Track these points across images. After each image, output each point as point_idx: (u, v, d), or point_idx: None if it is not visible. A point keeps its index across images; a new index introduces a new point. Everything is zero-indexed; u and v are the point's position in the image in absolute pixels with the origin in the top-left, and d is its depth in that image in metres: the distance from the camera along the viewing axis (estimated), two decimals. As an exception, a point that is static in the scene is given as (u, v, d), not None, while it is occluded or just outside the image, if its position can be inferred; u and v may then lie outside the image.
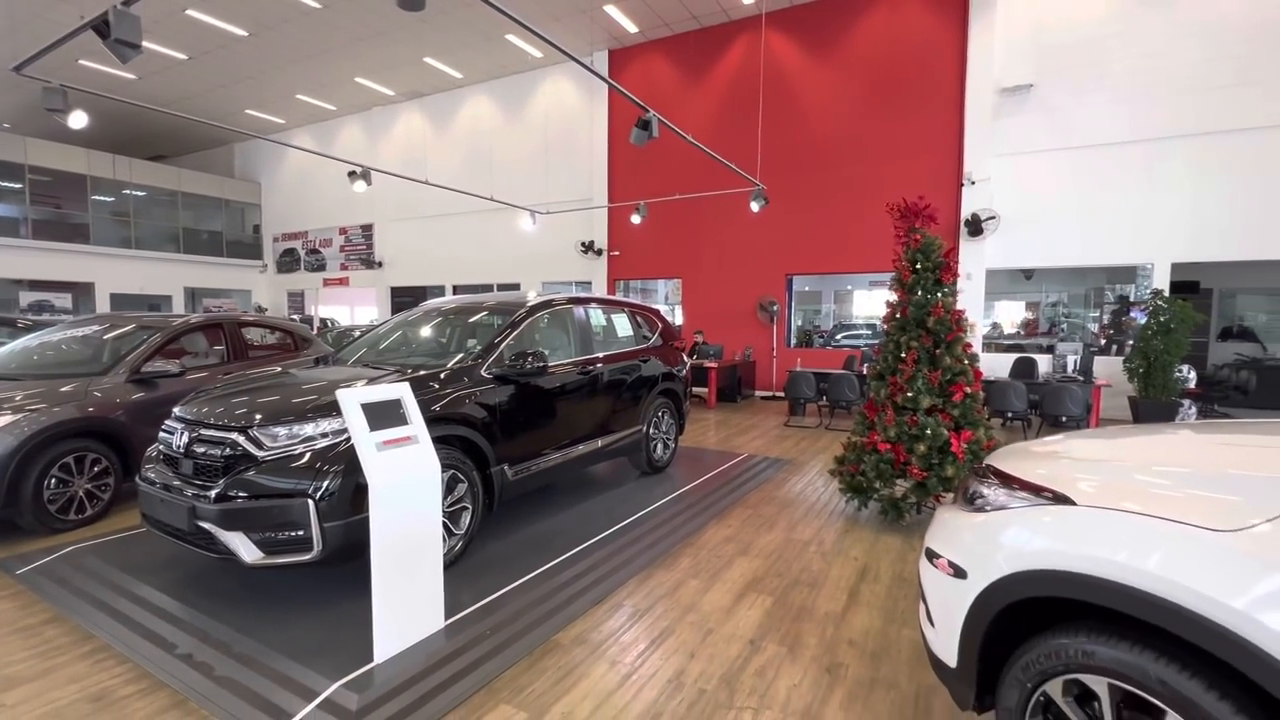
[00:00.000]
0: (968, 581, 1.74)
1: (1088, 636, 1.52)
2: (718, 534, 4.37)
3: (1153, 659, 1.40)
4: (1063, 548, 1.54)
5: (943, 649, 1.85)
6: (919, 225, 4.67)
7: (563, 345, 4.89)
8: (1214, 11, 8.76)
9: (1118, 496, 1.54)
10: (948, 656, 1.83)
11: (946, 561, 1.83)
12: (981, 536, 1.77)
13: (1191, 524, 1.37)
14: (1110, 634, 1.48)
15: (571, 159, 14.11)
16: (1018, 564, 1.62)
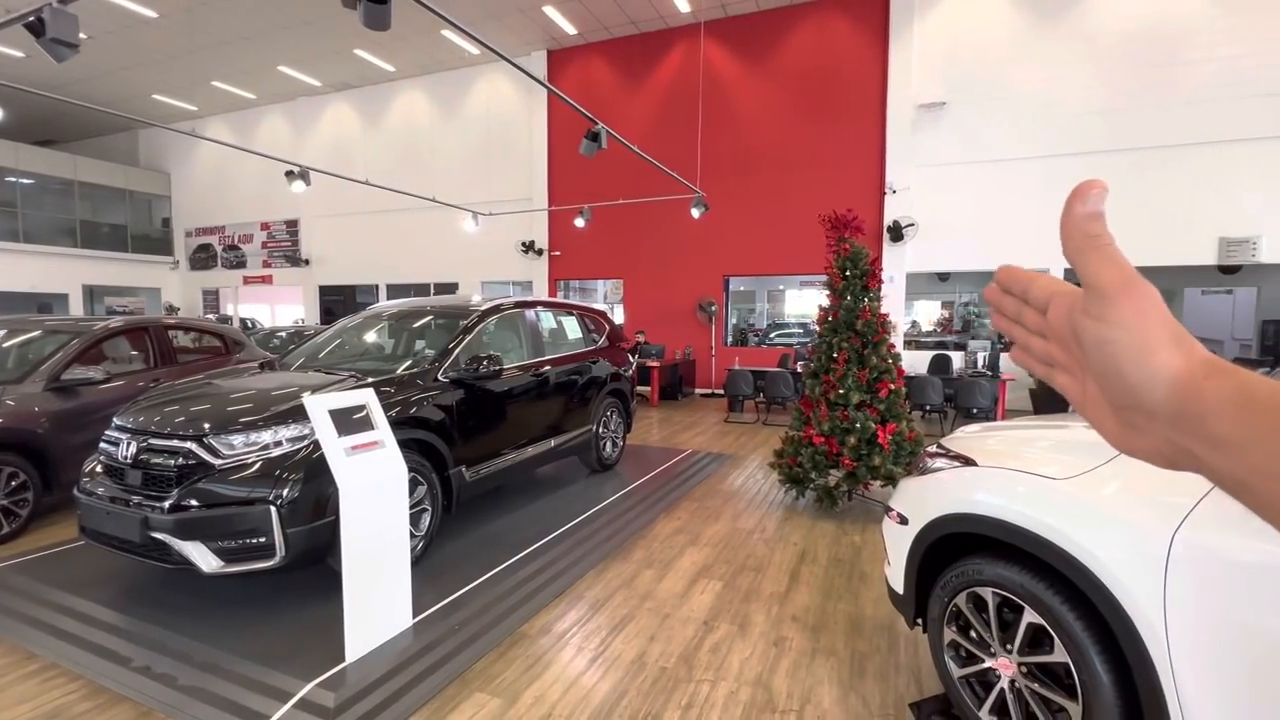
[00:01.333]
0: (909, 526, 2.32)
1: (981, 560, 2.08)
2: (668, 526, 4.61)
3: (1017, 571, 1.95)
4: (965, 496, 2.13)
5: (895, 581, 2.45)
6: (847, 235, 5.07)
7: (515, 348, 4.99)
8: (1098, 44, 9.79)
9: (1003, 459, 2.12)
10: (898, 586, 2.42)
11: (896, 513, 2.43)
12: (918, 492, 2.36)
13: (1042, 475, 1.92)
14: (995, 558, 2.05)
15: (511, 158, 14.04)
16: (939, 510, 2.20)
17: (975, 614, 2.11)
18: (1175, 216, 9.51)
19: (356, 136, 15.83)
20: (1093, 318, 0.38)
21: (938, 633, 2.23)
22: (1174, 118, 9.47)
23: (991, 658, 2.05)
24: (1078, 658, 1.76)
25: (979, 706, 2.08)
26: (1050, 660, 1.85)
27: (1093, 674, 1.73)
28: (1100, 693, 1.72)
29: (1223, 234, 9.32)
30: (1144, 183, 9.67)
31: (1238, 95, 9.17)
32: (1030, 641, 1.93)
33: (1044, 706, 1.89)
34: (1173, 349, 0.37)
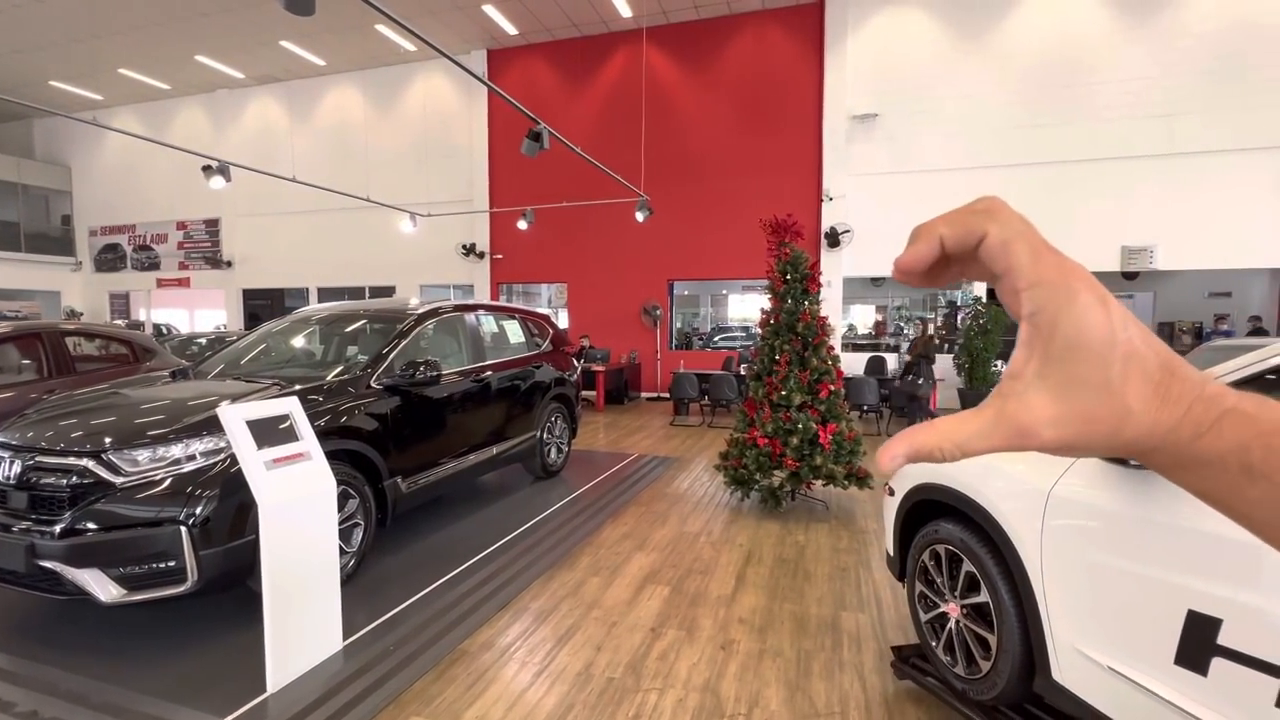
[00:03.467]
0: (896, 497, 2.73)
1: (940, 522, 2.46)
2: (615, 532, 4.54)
3: (960, 529, 2.33)
4: (932, 470, 2.47)
5: (889, 545, 2.88)
6: (788, 240, 5.17)
7: (454, 353, 4.82)
8: (1015, 64, 10.44)
9: None
10: (890, 548, 2.86)
11: (889, 486, 2.83)
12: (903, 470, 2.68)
13: None
14: (949, 520, 2.42)
15: (450, 159, 13.67)
16: (913, 481, 2.59)
17: (935, 568, 2.48)
18: (1082, 226, 10.23)
19: (284, 133, 15.05)
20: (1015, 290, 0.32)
21: (911, 586, 2.63)
22: (1081, 134, 10.20)
23: (945, 603, 2.42)
24: (995, 597, 2.14)
25: (936, 645, 2.46)
26: (979, 601, 2.24)
27: (1003, 609, 2.11)
28: (1007, 622, 2.10)
29: (1124, 243, 10.10)
30: (1055, 194, 10.36)
31: (1135, 115, 9.97)
32: (967, 587, 2.31)
33: (975, 639, 2.28)
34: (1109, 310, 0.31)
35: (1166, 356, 0.31)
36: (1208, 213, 9.75)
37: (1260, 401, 0.30)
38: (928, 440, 0.32)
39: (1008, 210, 0.32)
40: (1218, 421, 0.30)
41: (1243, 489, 0.30)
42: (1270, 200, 9.55)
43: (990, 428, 0.31)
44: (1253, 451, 0.29)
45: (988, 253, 0.31)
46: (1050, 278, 0.30)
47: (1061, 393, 0.31)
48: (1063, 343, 0.30)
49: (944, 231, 0.32)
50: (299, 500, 2.56)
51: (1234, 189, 9.65)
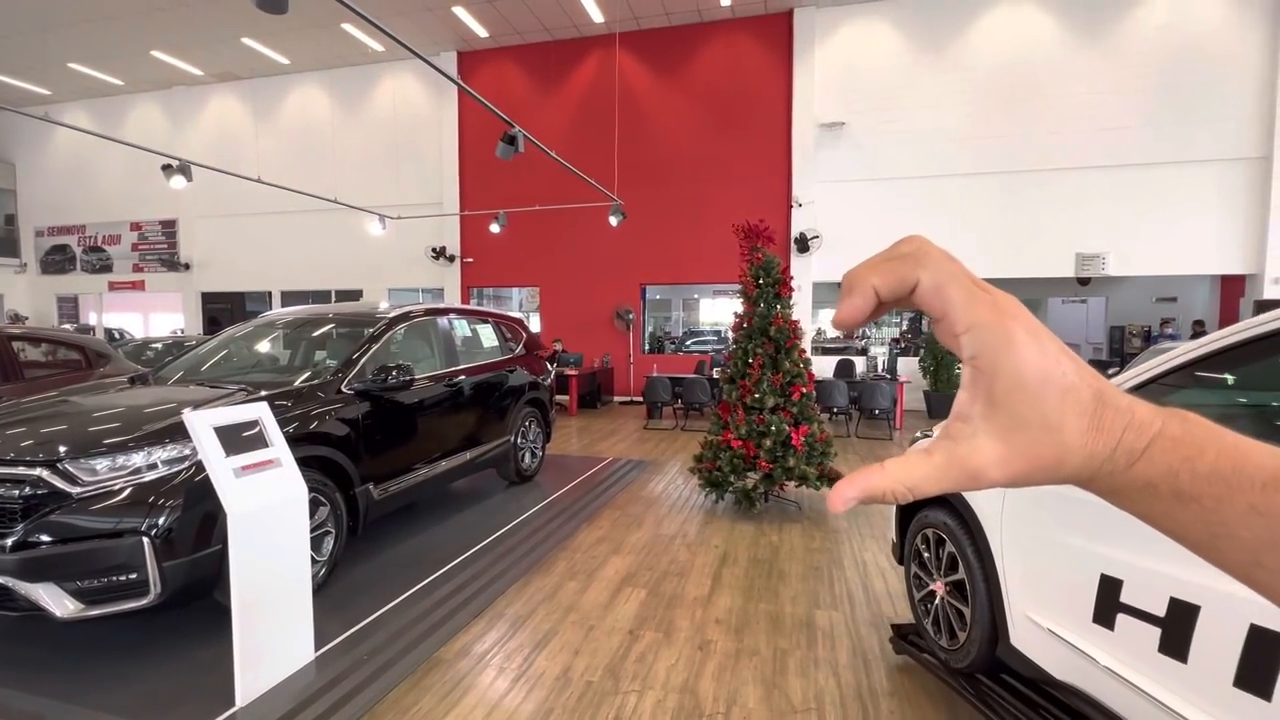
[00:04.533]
0: None
1: (931, 509, 2.64)
2: (590, 536, 4.54)
3: (944, 514, 2.53)
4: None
5: (894, 533, 3.06)
6: (760, 244, 5.25)
7: (426, 357, 4.76)
8: (974, 76, 10.80)
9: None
10: (893, 535, 3.06)
11: None
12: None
13: None
14: (935, 506, 2.61)
15: (420, 161, 13.50)
16: None
17: (925, 550, 2.70)
18: (1039, 233, 10.63)
19: (246, 132, 14.65)
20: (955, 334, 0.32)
21: (908, 568, 2.86)
22: (1037, 146, 10.60)
23: (932, 582, 2.63)
24: (969, 573, 2.36)
25: (926, 620, 2.69)
26: (958, 578, 2.44)
27: (975, 583, 2.33)
28: (978, 595, 2.32)
29: (1078, 249, 10.52)
30: (1012, 203, 10.75)
31: (1087, 128, 10.41)
32: (949, 566, 2.52)
33: (955, 613, 2.48)
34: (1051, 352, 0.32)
35: (1098, 386, 0.31)
36: (1155, 222, 10.23)
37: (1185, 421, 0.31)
38: (880, 484, 0.32)
39: (935, 252, 0.32)
40: (1148, 448, 0.30)
41: (1175, 512, 0.31)
42: (1212, 210, 10.07)
43: (940, 471, 0.32)
44: (1180, 476, 0.30)
45: (922, 299, 0.32)
46: (985, 320, 0.31)
47: (1005, 434, 0.31)
48: (1004, 385, 0.31)
49: (876, 282, 0.32)
50: (269, 508, 2.50)
51: (1178, 199, 10.14)
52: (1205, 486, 0.29)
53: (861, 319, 0.33)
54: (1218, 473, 0.29)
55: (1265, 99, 9.76)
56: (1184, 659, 1.49)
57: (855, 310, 0.33)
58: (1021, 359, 0.30)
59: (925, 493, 0.32)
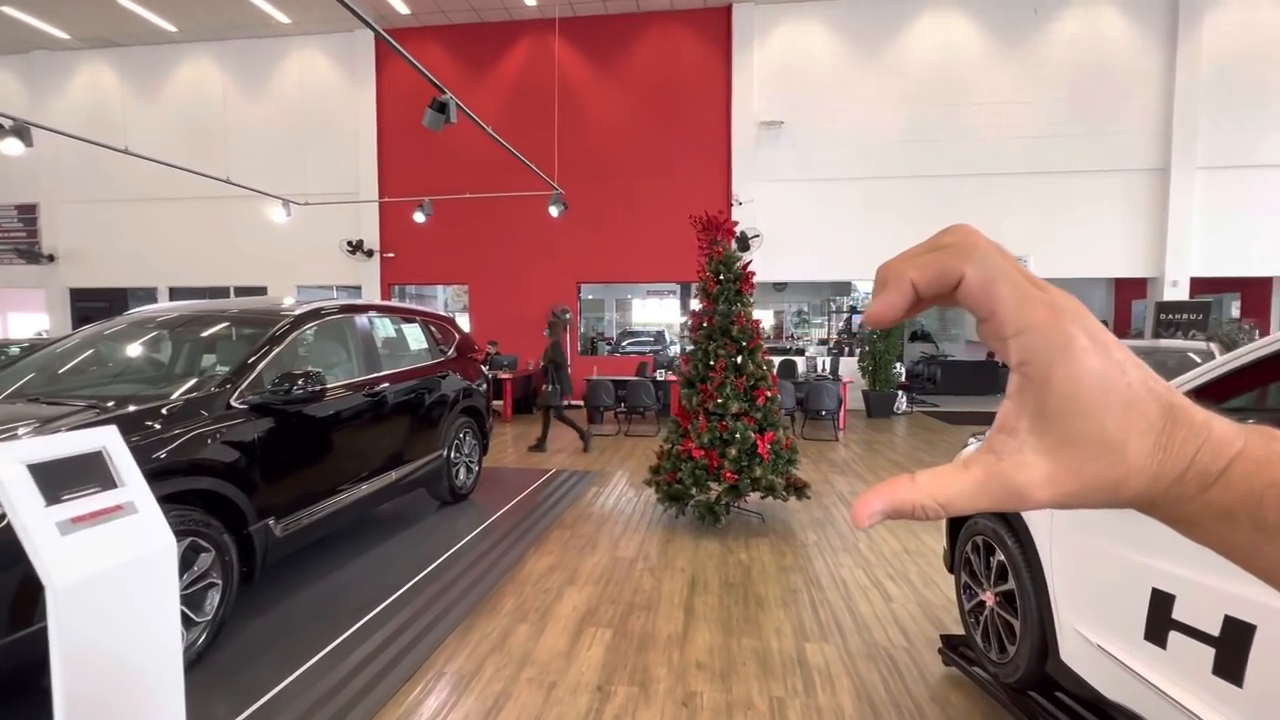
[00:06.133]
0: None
1: (979, 515, 2.42)
2: (539, 563, 4.00)
3: (993, 521, 2.41)
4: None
5: (944, 539, 2.93)
6: (719, 237, 4.88)
7: (342, 362, 4.07)
8: (905, 81, 11.00)
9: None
10: (945, 542, 2.92)
11: None
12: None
13: None
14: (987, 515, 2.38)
15: (332, 146, 12.32)
16: None
17: (975, 558, 2.55)
18: (968, 236, 10.95)
19: (123, 106, 12.90)
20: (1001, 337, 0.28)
21: (958, 576, 2.72)
22: (963, 151, 10.93)
23: (982, 592, 2.48)
24: (1019, 583, 2.23)
25: (976, 631, 2.53)
26: (1007, 588, 2.31)
27: (1025, 594, 2.19)
28: (1028, 606, 2.18)
29: (1002, 252, 10.91)
30: (942, 206, 11.03)
31: (1008, 135, 10.83)
32: (998, 575, 2.39)
33: (1004, 625, 2.34)
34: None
35: (1169, 400, 0.27)
36: (1071, 227, 10.78)
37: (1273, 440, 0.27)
38: (910, 497, 0.29)
39: (983, 243, 0.28)
40: (1225, 471, 0.27)
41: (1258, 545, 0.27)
42: (1118, 217, 10.72)
43: (979, 488, 0.28)
44: (1266, 504, 0.26)
45: (967, 296, 0.28)
46: (1040, 322, 0.27)
47: (1056, 451, 0.28)
48: (1057, 397, 0.27)
49: (914, 276, 0.28)
50: (116, 570, 1.83)
51: (1091, 206, 10.73)
52: None
53: (898, 316, 0.29)
54: None
55: (1163, 114, 10.48)
56: (1239, 683, 1.38)
57: (891, 307, 0.29)
58: (1081, 367, 0.27)
59: (960, 510, 0.29)
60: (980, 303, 0.27)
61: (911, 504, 0.29)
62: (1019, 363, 0.28)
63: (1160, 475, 0.27)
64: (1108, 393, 0.27)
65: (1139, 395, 0.27)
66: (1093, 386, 0.27)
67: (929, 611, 3.32)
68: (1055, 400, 0.27)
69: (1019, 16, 10.73)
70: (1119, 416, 0.27)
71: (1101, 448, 0.27)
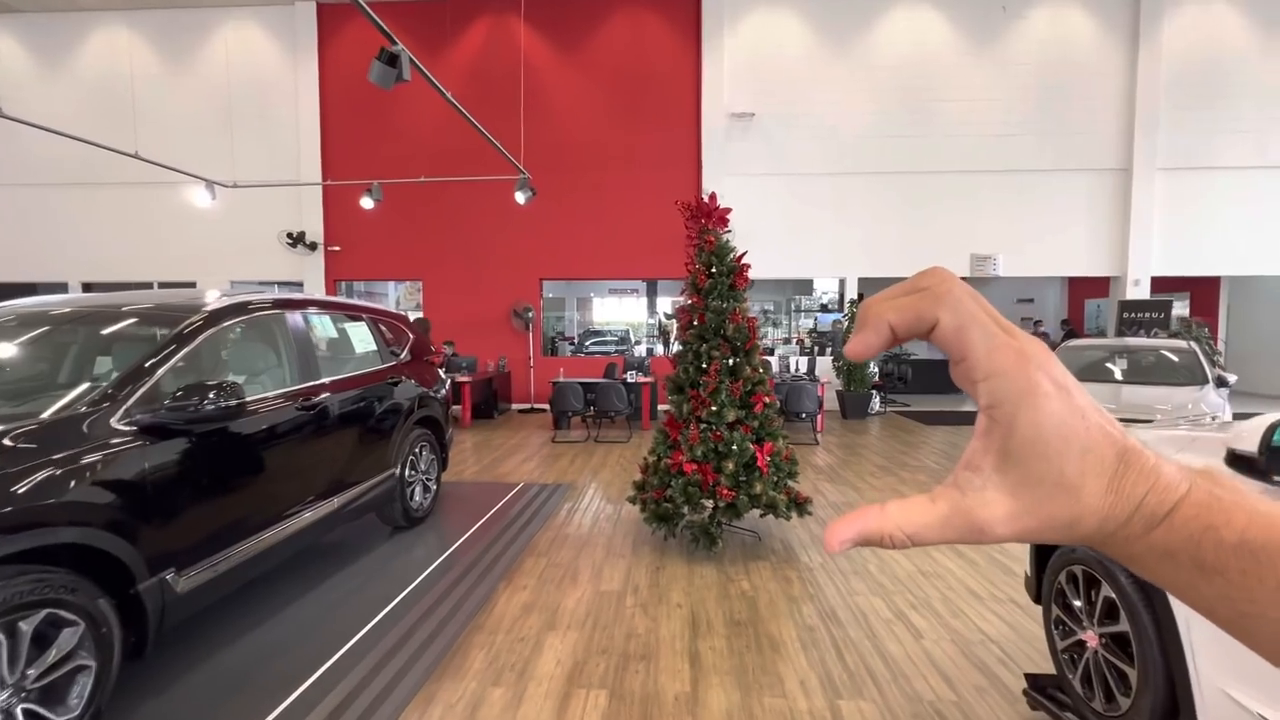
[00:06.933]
0: None
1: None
2: (512, 602, 3.42)
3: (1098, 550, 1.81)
4: None
5: (1028, 568, 2.56)
6: (711, 225, 4.40)
7: (271, 368, 3.39)
8: (877, 75, 10.79)
9: None
10: (1027, 568, 2.56)
11: None
12: None
13: None
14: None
15: (270, 129, 11.30)
16: None
17: (1072, 591, 2.24)
18: (938, 234, 10.84)
19: (24, 78, 11.53)
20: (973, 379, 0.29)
21: (1047, 609, 2.40)
22: (934, 147, 10.80)
23: (1082, 630, 2.17)
24: (1135, 626, 1.90)
25: (1073, 675, 2.22)
26: (1118, 630, 1.99)
27: (1144, 640, 1.87)
28: (1148, 655, 1.86)
29: (973, 250, 10.85)
30: (913, 202, 10.88)
31: (978, 133, 10.75)
32: (1106, 613, 2.06)
33: (1114, 672, 2.02)
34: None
35: (1124, 446, 0.29)
36: (1037, 226, 10.78)
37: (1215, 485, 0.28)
38: (879, 526, 0.30)
39: (958, 290, 0.29)
40: (1170, 513, 0.28)
41: (1198, 585, 0.28)
42: (1083, 216, 10.79)
43: (943, 521, 0.30)
44: (1203, 546, 0.27)
45: (941, 340, 0.29)
46: (1008, 368, 0.28)
47: (1017, 490, 0.29)
48: (1021, 440, 0.28)
49: (893, 320, 0.30)
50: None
51: (1057, 205, 10.76)
52: (1231, 559, 0.27)
53: (873, 354, 0.31)
54: (1246, 544, 0.27)
55: (1126, 115, 10.59)
56: None
57: (868, 346, 0.31)
58: (1043, 413, 0.28)
59: (925, 541, 0.30)
60: (953, 347, 0.29)
61: (880, 533, 0.30)
62: (986, 405, 0.29)
63: (1111, 516, 0.28)
64: (1067, 438, 0.28)
65: (1096, 440, 0.28)
66: (1054, 431, 0.28)
67: (966, 649, 2.91)
68: (1019, 443, 0.28)
69: (988, 13, 10.67)
70: (1077, 460, 0.28)
71: (1059, 489, 0.28)
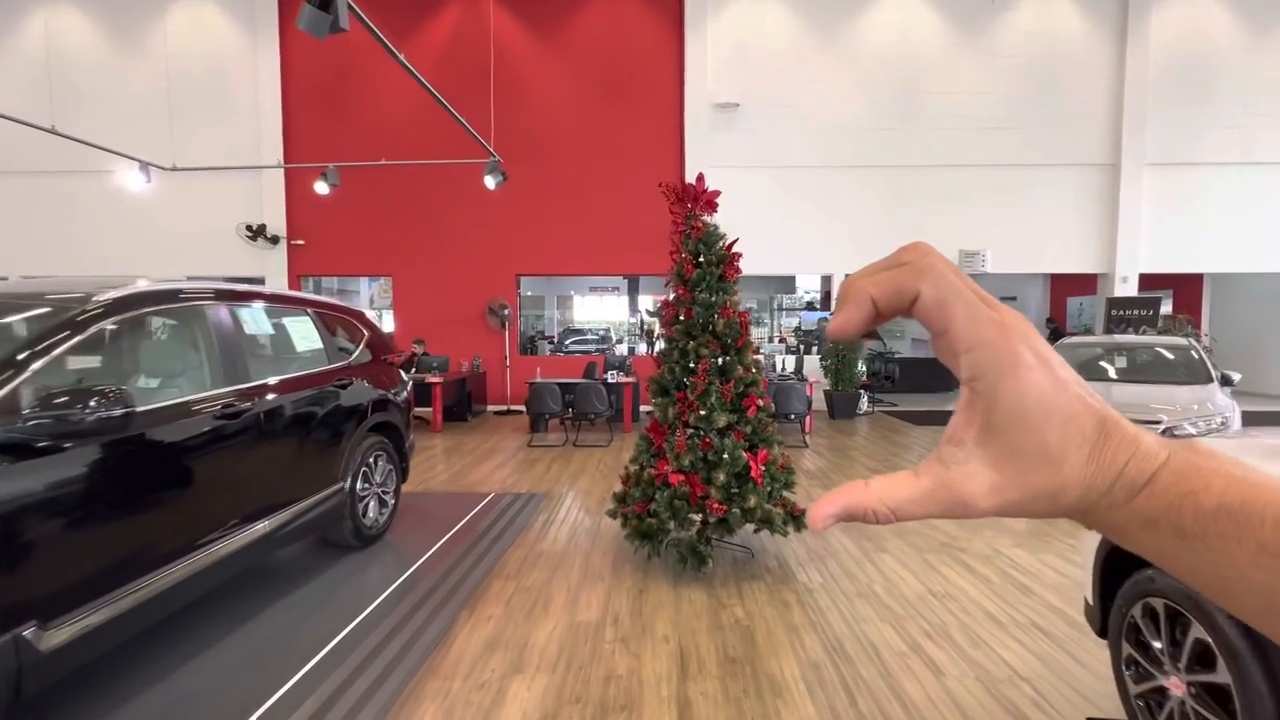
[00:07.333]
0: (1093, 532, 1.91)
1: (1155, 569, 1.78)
2: (475, 637, 2.97)
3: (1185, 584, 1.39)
4: None
5: (1088, 593, 2.27)
6: (697, 210, 3.99)
7: (189, 370, 2.89)
8: (865, 66, 10.49)
9: None
10: (1089, 595, 2.26)
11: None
12: None
13: None
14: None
15: (227, 114, 10.63)
16: None
17: (1150, 628, 1.97)
18: (926, 229, 10.56)
19: (-42, 59, 10.71)
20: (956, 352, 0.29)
21: (1116, 646, 2.13)
22: (922, 141, 10.53)
23: (1164, 676, 1.90)
24: (1239, 677, 1.62)
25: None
26: (1214, 680, 1.71)
27: (1252, 695, 1.57)
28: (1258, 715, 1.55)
29: (961, 246, 10.60)
30: (901, 197, 10.60)
31: (966, 127, 10.51)
32: (1197, 658, 1.79)
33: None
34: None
35: (1103, 415, 0.28)
36: (1025, 221, 10.57)
37: (1193, 453, 0.28)
38: (862, 501, 0.30)
39: (939, 263, 0.29)
40: (1150, 482, 0.28)
41: (1180, 552, 0.28)
42: (1071, 212, 10.61)
43: (927, 495, 0.30)
44: (1183, 511, 0.27)
45: (922, 313, 0.29)
46: (990, 339, 0.28)
47: (1000, 462, 0.29)
48: (1004, 412, 0.28)
49: (874, 294, 0.29)
50: None
51: (1045, 201, 10.56)
52: (1210, 524, 0.27)
53: (857, 331, 0.30)
54: (1224, 508, 0.26)
55: (1114, 110, 10.43)
56: None
57: (851, 321, 0.30)
58: (1025, 384, 0.28)
59: (909, 516, 0.30)
60: (934, 320, 0.28)
61: (864, 507, 0.29)
62: (969, 378, 0.28)
63: (1093, 486, 0.28)
64: (1050, 409, 0.27)
65: (1077, 410, 0.28)
66: (1036, 402, 0.27)
67: (994, 689, 2.54)
68: (1001, 414, 0.28)
69: (976, 4, 10.43)
70: (1059, 431, 0.28)
71: (1042, 460, 0.28)
